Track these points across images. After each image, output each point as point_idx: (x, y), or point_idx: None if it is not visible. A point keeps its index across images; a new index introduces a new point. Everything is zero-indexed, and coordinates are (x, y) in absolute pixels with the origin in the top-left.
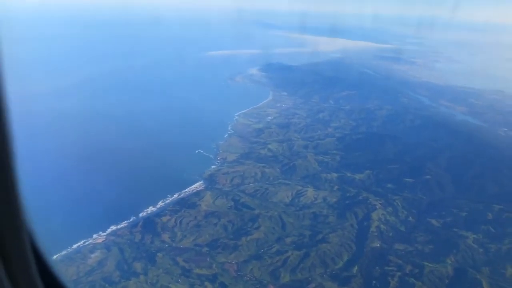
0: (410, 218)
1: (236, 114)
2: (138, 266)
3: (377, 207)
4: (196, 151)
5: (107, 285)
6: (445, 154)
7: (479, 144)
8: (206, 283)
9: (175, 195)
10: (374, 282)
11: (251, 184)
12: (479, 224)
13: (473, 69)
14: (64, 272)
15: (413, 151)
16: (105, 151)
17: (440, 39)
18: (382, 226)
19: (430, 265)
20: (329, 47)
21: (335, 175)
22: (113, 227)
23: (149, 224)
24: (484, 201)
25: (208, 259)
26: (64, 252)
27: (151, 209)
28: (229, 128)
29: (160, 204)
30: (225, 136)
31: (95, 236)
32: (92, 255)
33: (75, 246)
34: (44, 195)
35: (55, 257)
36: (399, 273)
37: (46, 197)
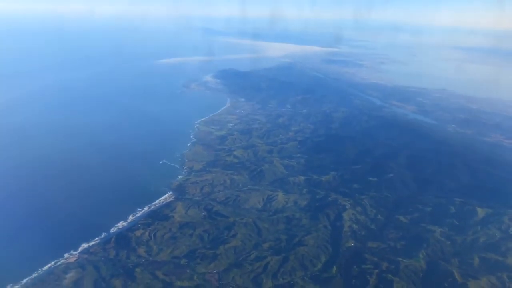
0: (379, 216)
1: (196, 122)
2: (117, 283)
3: (347, 207)
4: (161, 162)
5: None
6: (403, 152)
7: (433, 141)
8: None
9: (145, 208)
10: (353, 281)
11: (221, 192)
12: (443, 218)
13: (416, 70)
14: None
15: (373, 150)
16: (66, 167)
17: (382, 42)
18: (354, 225)
19: (404, 260)
20: (277, 52)
21: (302, 178)
22: (85, 245)
23: (123, 239)
24: (445, 195)
25: (188, 271)
26: (35, 274)
27: (122, 224)
28: (191, 136)
29: (130, 218)
30: (188, 144)
31: (66, 255)
32: (67, 276)
33: (45, 267)
34: (5, 215)
35: (25, 280)
36: (376, 271)
37: (9, 217)
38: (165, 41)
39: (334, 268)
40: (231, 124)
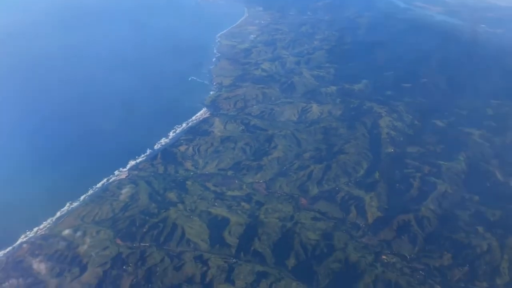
0: (416, 122)
1: (217, 36)
2: (171, 195)
3: (382, 114)
4: (189, 79)
5: (147, 217)
6: (434, 56)
7: (464, 43)
8: (243, 203)
9: (184, 125)
10: (397, 185)
11: (255, 106)
12: (481, 120)
13: None
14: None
15: (403, 56)
16: (99, 89)
17: None
18: (391, 132)
19: (445, 163)
20: None
21: (334, 88)
22: (132, 162)
23: (168, 155)
24: (481, 98)
25: (236, 181)
26: (90, 191)
27: (164, 140)
28: (214, 51)
29: (171, 134)
30: (213, 60)
31: (116, 172)
32: (122, 191)
33: (99, 184)
34: (54, 139)
35: (82, 197)
36: (419, 174)
37: (58, 140)
38: None
39: (377, 174)
40: (252, 36)
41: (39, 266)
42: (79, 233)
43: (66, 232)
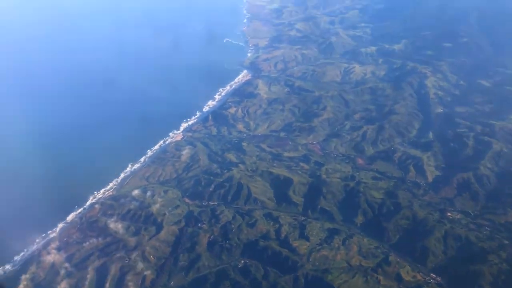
0: (461, 82)
1: None
2: (230, 156)
3: (427, 75)
4: (224, 40)
5: (211, 177)
6: (473, 14)
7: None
8: (302, 164)
9: (227, 87)
10: (452, 144)
11: (295, 68)
12: None
13: None
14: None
15: (440, 14)
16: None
17: None
18: (439, 92)
19: (497, 123)
20: None
21: (373, 48)
22: (184, 124)
23: (219, 117)
24: None
25: (290, 143)
26: (149, 153)
27: (211, 103)
28: (244, 11)
29: (217, 97)
30: (244, 21)
31: (171, 134)
32: (183, 152)
33: (156, 146)
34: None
35: (142, 158)
36: (472, 134)
37: (105, 106)
38: None
39: (430, 134)
40: None
41: (116, 226)
42: (149, 193)
43: (136, 192)
